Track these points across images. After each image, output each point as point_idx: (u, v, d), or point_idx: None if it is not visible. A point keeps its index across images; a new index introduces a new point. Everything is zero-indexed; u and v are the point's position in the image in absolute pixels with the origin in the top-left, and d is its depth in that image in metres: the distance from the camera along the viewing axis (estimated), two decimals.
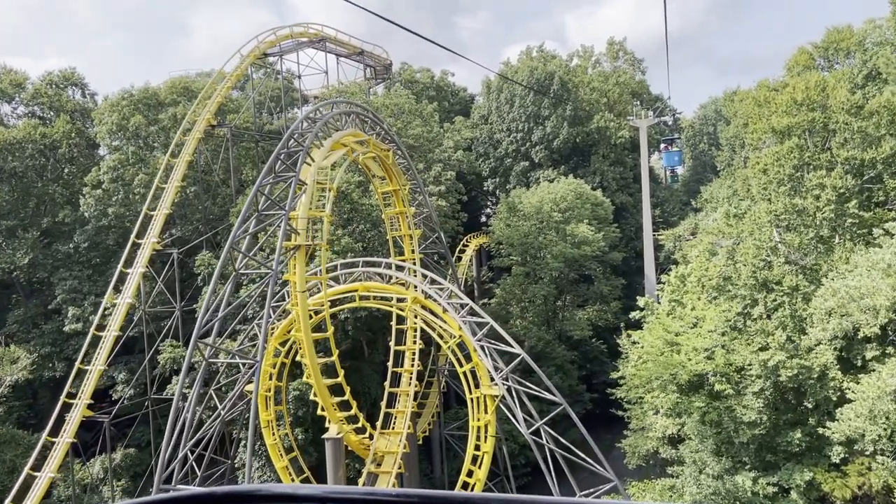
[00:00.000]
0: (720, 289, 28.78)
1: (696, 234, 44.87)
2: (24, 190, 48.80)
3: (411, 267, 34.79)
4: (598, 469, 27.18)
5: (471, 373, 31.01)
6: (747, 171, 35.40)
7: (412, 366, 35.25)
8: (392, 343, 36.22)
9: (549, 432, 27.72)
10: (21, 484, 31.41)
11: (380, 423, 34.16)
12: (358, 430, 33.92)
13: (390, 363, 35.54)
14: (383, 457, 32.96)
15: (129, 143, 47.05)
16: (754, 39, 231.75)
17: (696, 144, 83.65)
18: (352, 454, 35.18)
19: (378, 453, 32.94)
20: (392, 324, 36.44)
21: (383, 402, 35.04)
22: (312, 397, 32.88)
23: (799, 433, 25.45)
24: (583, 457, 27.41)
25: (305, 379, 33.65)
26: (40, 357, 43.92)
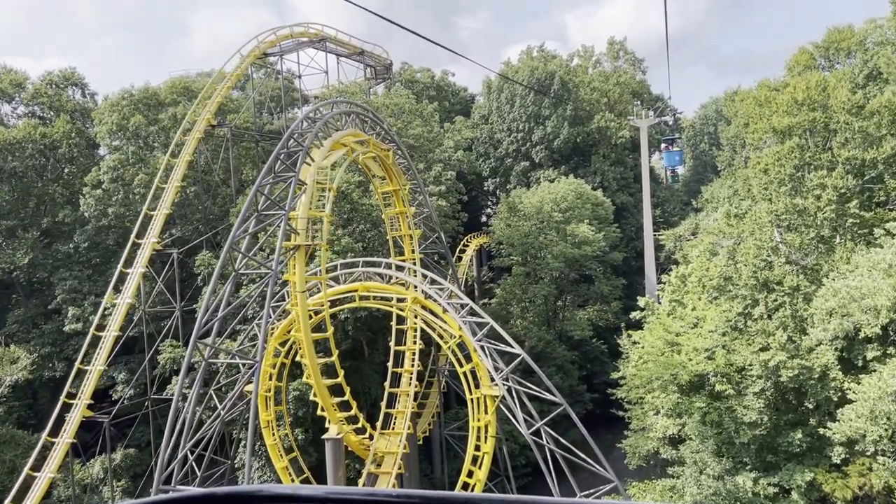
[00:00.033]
0: (721, 289, 28.72)
1: (697, 234, 44.87)
2: (24, 190, 48.79)
3: (411, 267, 34.73)
4: (599, 469, 27.14)
5: (471, 373, 30.95)
6: (748, 171, 35.39)
7: (412, 366, 35.21)
8: (392, 343, 36.18)
9: (549, 433, 27.67)
10: (21, 484, 31.39)
11: (380, 423, 34.13)
12: (358, 431, 33.88)
13: (390, 363, 35.49)
14: (383, 457, 32.93)
15: (129, 142, 47.05)
16: (755, 39, 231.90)
17: (697, 144, 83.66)
18: (352, 454, 35.13)
19: (378, 454, 32.90)
20: (392, 324, 36.40)
21: (383, 403, 35.00)
22: (312, 397, 32.85)
23: (800, 433, 25.41)
24: (583, 457, 27.37)
25: (305, 379, 33.60)
26: (40, 357, 43.90)
